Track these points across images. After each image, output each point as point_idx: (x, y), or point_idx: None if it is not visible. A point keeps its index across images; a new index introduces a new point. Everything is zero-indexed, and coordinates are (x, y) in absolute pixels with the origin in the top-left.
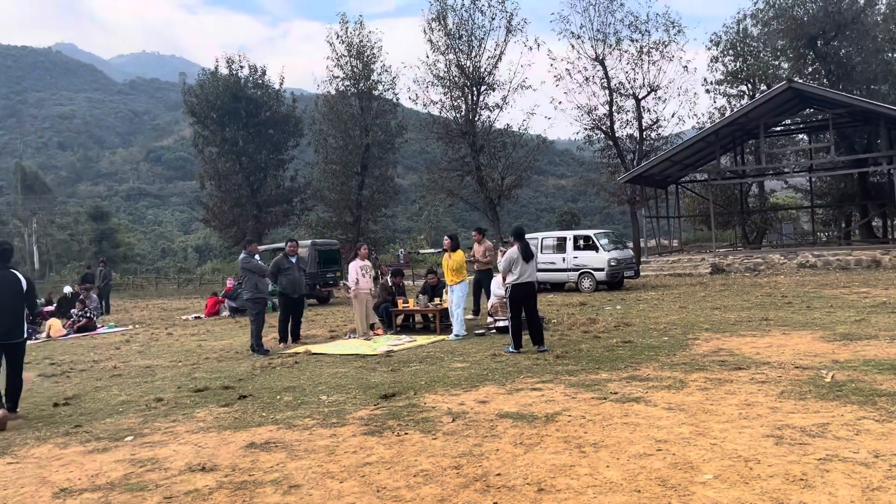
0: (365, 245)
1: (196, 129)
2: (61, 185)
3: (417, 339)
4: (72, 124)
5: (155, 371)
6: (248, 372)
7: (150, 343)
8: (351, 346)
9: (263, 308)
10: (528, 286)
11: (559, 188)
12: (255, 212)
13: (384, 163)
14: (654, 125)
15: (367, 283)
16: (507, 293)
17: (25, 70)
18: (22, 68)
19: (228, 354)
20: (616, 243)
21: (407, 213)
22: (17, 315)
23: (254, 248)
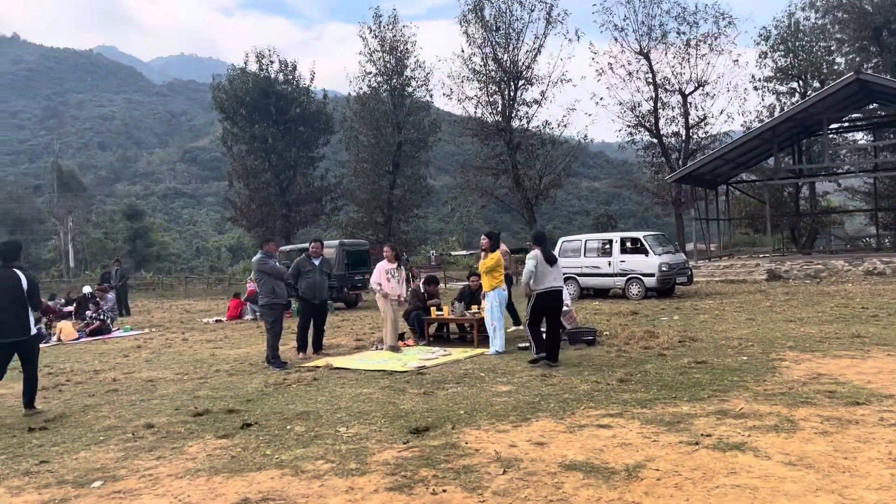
0: (390, 245)
1: (225, 125)
2: (100, 185)
3: (452, 352)
4: (111, 125)
5: (157, 386)
6: (259, 390)
7: (161, 350)
8: (378, 360)
9: (281, 316)
10: (556, 294)
11: (592, 190)
12: (283, 211)
13: (416, 161)
14: (701, 122)
15: (396, 289)
16: (531, 302)
17: (67, 72)
18: (64, 70)
19: (242, 366)
20: (667, 246)
21: (438, 214)
22: (19, 314)
23: (271, 247)
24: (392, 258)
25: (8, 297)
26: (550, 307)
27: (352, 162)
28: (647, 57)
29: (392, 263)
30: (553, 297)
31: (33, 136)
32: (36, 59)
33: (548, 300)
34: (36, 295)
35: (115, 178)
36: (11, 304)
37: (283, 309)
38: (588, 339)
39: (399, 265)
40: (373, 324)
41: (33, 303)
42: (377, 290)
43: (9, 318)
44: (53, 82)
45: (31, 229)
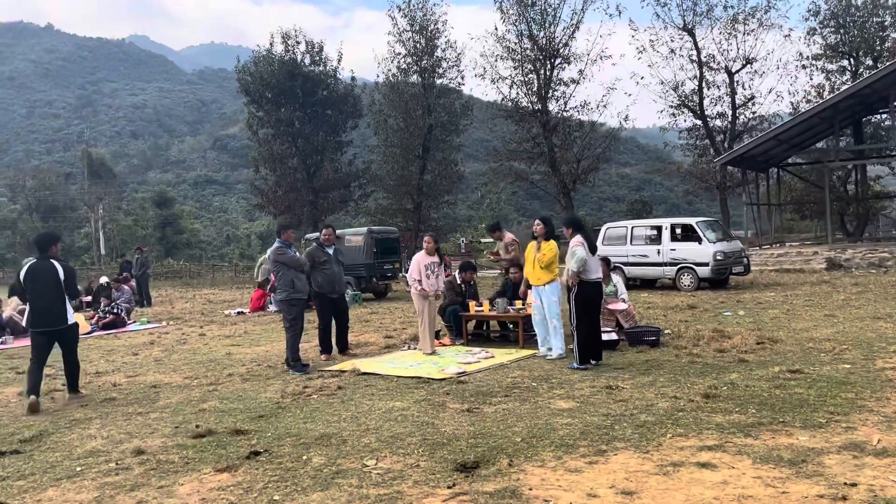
0: (431, 236)
1: (250, 109)
2: (133, 173)
3: (495, 353)
4: (143, 113)
5: (160, 394)
6: (275, 401)
7: (174, 347)
8: (411, 363)
9: (301, 313)
10: (599, 285)
11: (623, 177)
12: (310, 197)
13: (447, 146)
14: (748, 102)
15: (434, 285)
16: (573, 294)
17: (101, 61)
18: (97, 59)
19: (258, 369)
20: (722, 234)
21: (468, 201)
22: (58, 303)
23: (289, 235)
24: (432, 250)
25: (46, 287)
26: (596, 298)
27: (380, 147)
28: (691, 33)
29: (431, 256)
30: (598, 288)
31: (67, 125)
32: (70, 48)
33: (594, 290)
34: (73, 284)
35: (147, 166)
36: (49, 293)
37: (303, 304)
38: (651, 341)
39: (440, 259)
40: (404, 317)
41: (71, 292)
42: (414, 288)
43: (48, 307)
44: (86, 71)
45: (64, 217)
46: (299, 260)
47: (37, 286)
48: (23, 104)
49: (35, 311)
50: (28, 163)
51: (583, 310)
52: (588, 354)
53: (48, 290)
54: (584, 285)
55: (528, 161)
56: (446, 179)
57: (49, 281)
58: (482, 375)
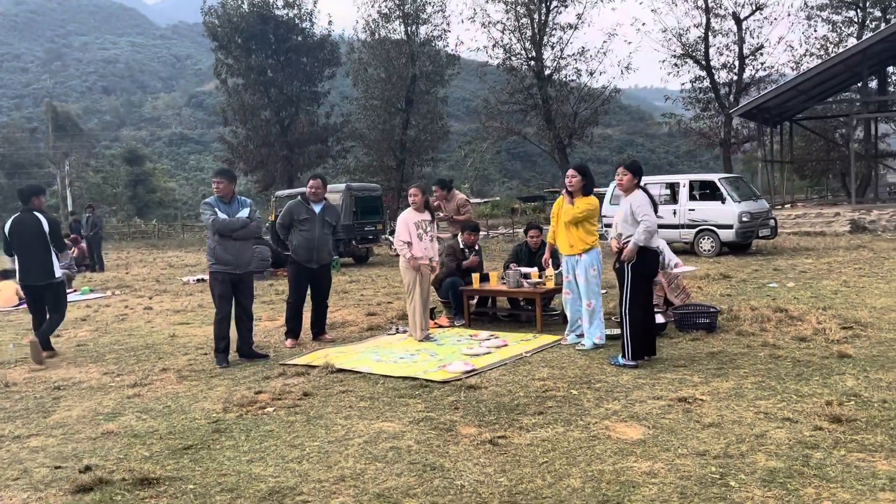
0: (417, 187)
1: (219, 56)
2: (105, 130)
3: (507, 340)
4: (115, 69)
5: (61, 400)
6: (213, 419)
7: (108, 326)
8: (401, 353)
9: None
10: (658, 256)
11: (605, 138)
12: (285, 152)
13: (432, 98)
14: (756, 52)
15: (429, 250)
16: (631, 266)
17: (70, 13)
18: (66, 11)
19: (204, 360)
20: (746, 192)
21: (450, 161)
22: (43, 258)
23: (222, 187)
24: (421, 205)
25: (31, 241)
26: (655, 273)
27: (360, 99)
28: None
29: (421, 213)
30: (658, 260)
31: (36, 80)
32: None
33: (656, 263)
34: (58, 236)
35: (121, 123)
36: (35, 247)
37: (230, 280)
38: (705, 324)
39: (432, 217)
40: (388, 287)
41: (57, 245)
42: (403, 255)
43: (34, 262)
44: (56, 24)
45: (30, 174)
46: (227, 223)
47: (22, 240)
48: None
49: (21, 265)
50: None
51: (641, 288)
52: (642, 349)
53: (33, 243)
54: (646, 256)
55: (520, 114)
56: (431, 135)
57: (34, 234)
58: (498, 374)
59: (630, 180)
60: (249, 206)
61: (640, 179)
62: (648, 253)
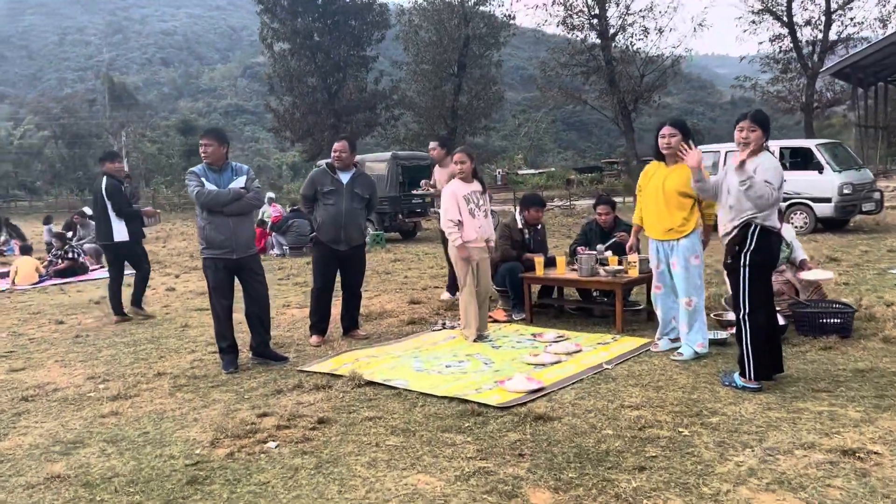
0: (463, 151)
1: (263, 19)
2: (164, 101)
3: (580, 342)
4: (173, 40)
5: (25, 413)
6: (194, 460)
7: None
8: (447, 360)
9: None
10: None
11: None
12: (332, 120)
13: (486, 62)
14: (846, 5)
15: (484, 229)
16: (747, 252)
17: None
18: None
19: (209, 361)
20: (847, 161)
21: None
22: (103, 218)
23: (211, 149)
24: (469, 174)
25: (96, 203)
26: (776, 262)
27: (410, 63)
28: None
29: (469, 183)
30: (779, 244)
31: (98, 53)
32: None
33: (778, 248)
34: (115, 199)
35: (179, 94)
36: (98, 209)
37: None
38: (838, 325)
39: (482, 186)
40: (437, 268)
41: (115, 208)
42: (453, 240)
43: (98, 223)
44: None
45: (89, 144)
46: (210, 195)
47: (93, 202)
48: (54, 31)
49: (95, 226)
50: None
51: (761, 283)
52: (768, 365)
53: (97, 205)
54: (765, 238)
55: (581, 77)
56: (484, 101)
57: (97, 197)
58: (574, 396)
59: (759, 138)
60: (246, 174)
61: (767, 136)
62: (768, 235)
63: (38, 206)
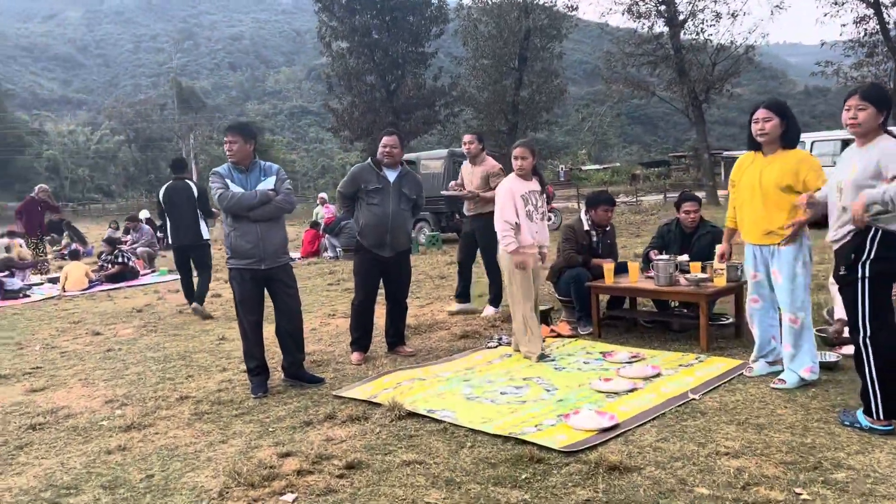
0: (524, 145)
1: (321, 18)
2: (231, 105)
3: (657, 362)
4: (241, 45)
5: (28, 445)
6: None
7: (158, 322)
8: (503, 387)
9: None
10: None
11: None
12: (391, 118)
13: (547, 55)
14: None
15: (540, 234)
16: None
17: None
18: None
19: (240, 380)
20: None
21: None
22: (192, 221)
23: (236, 148)
24: (529, 171)
25: (181, 206)
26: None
27: (469, 58)
28: None
29: (528, 181)
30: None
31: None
32: None
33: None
34: (205, 202)
35: (246, 97)
36: (186, 212)
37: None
38: None
39: (542, 186)
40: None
41: (204, 210)
42: (505, 245)
43: (185, 224)
44: (188, 4)
45: (160, 148)
46: (234, 198)
47: (173, 205)
48: (129, 39)
49: (172, 228)
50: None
51: (883, 297)
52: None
53: (184, 208)
54: (889, 243)
55: (648, 67)
56: (546, 95)
57: (185, 200)
58: (655, 437)
59: (872, 118)
60: (276, 174)
61: (887, 117)
62: (892, 238)
63: (111, 209)
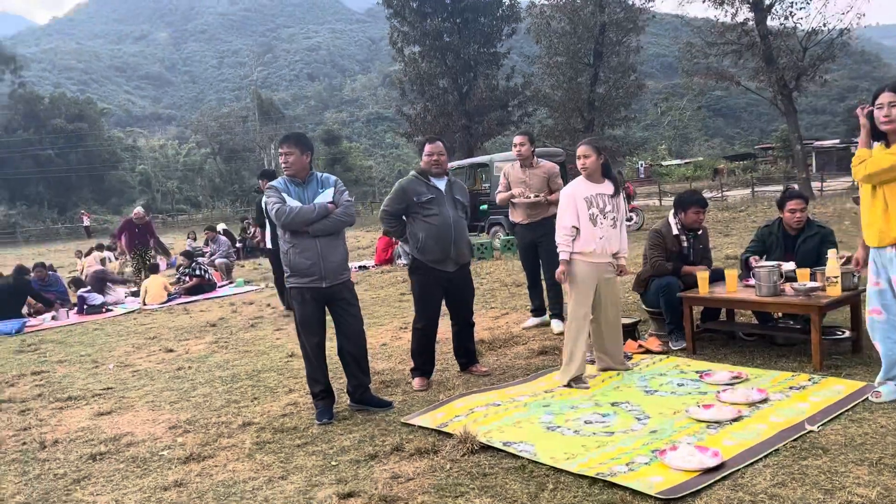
0: (589, 143)
1: (393, 24)
2: (310, 115)
3: (763, 384)
4: (318, 55)
5: (85, 479)
6: None
7: (230, 337)
8: (587, 412)
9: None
10: None
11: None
12: (463, 121)
13: (623, 49)
14: None
15: (613, 241)
16: None
17: (278, 7)
18: (275, 6)
19: (306, 403)
20: None
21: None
22: None
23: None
24: (596, 170)
25: None
26: None
27: (543, 56)
28: None
29: (597, 183)
30: None
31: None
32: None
33: None
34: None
35: (324, 106)
36: None
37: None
38: None
39: (616, 188)
40: None
41: (261, 223)
42: (562, 252)
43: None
44: (266, 19)
45: (244, 159)
46: (291, 213)
47: None
48: (213, 55)
49: (272, 234)
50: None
51: None
52: None
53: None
54: None
55: (732, 56)
56: (623, 90)
57: None
58: (769, 482)
59: None
60: (334, 186)
61: None
62: None
63: (197, 219)
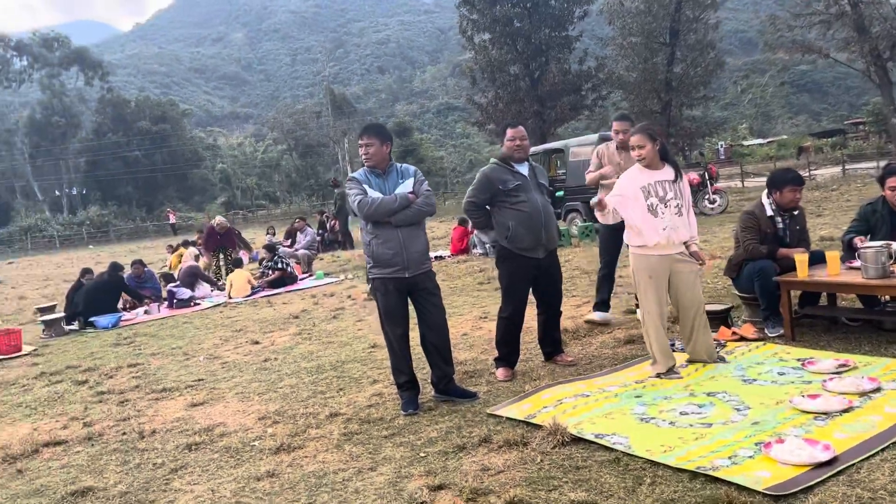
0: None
1: (462, 11)
2: (382, 107)
3: (873, 371)
4: (388, 48)
5: (183, 468)
6: None
7: (313, 329)
8: (682, 402)
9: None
10: None
11: None
12: (535, 107)
13: (701, 26)
14: None
15: (678, 230)
16: None
17: (349, 2)
18: (346, 1)
19: (391, 393)
20: None
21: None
22: None
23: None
24: (653, 156)
25: None
26: None
27: (616, 37)
28: None
29: (654, 170)
30: None
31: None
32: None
33: None
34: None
35: (394, 99)
36: None
37: (397, 287)
38: None
39: (677, 174)
40: None
41: None
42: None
43: None
44: (337, 14)
45: (319, 154)
46: (373, 204)
47: None
48: (287, 53)
49: None
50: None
51: None
52: None
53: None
54: None
55: (821, 27)
56: (701, 68)
57: None
58: (888, 478)
59: None
60: (413, 176)
61: None
62: None
63: (276, 214)
